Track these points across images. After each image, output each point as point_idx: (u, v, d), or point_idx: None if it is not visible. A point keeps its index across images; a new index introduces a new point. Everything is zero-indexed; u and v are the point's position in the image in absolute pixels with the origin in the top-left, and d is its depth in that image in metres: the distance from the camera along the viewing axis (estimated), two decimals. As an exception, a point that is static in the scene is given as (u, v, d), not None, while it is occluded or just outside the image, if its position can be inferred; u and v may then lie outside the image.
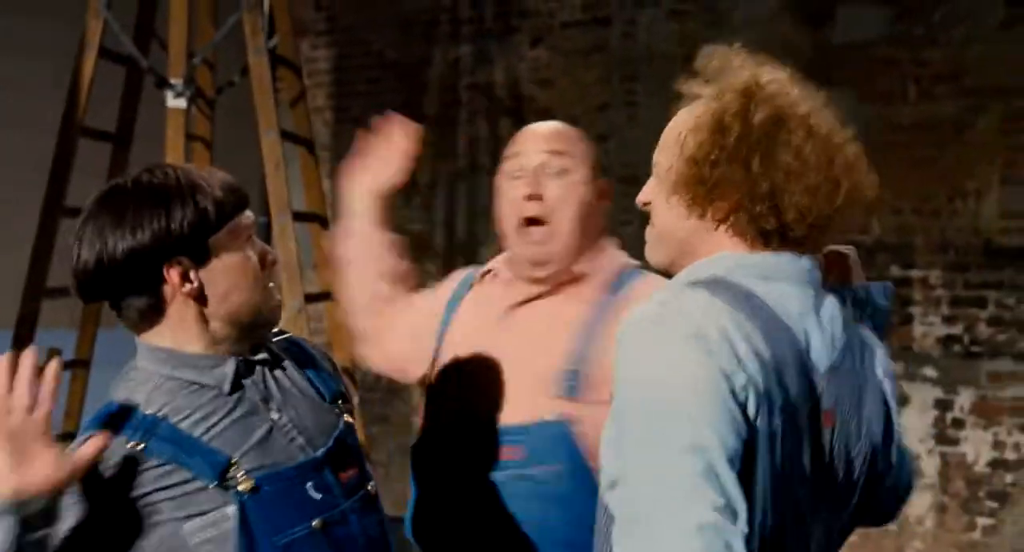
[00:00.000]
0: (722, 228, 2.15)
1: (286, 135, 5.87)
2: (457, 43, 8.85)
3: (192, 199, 2.20)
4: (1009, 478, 6.88)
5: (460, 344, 2.91)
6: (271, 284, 2.32)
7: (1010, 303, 6.84)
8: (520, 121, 8.42)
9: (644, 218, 2.36)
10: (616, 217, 7.79)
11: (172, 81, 5.54)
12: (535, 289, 2.87)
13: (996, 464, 6.89)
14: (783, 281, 2.11)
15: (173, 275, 2.21)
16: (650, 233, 2.27)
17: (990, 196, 6.91)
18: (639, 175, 7.29)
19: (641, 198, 2.29)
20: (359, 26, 9.26)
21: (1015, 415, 6.87)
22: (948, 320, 7.04)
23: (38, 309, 5.66)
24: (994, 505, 6.90)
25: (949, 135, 6.99)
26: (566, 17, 8.40)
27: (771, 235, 2.13)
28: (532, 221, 2.83)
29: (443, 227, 8.88)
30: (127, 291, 2.23)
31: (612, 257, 2.93)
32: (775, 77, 2.21)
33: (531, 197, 2.83)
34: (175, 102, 5.55)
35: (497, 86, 8.69)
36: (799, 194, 2.09)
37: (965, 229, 6.90)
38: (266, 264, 2.30)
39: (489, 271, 3.01)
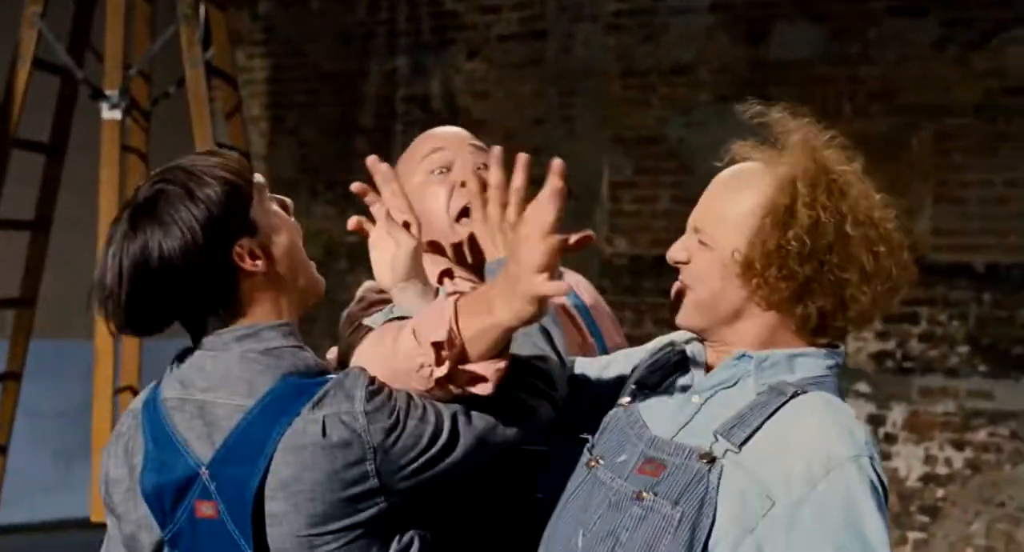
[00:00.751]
0: (775, 310, 2.16)
1: (222, 146, 5.87)
2: (393, 55, 9.03)
3: (212, 179, 2.14)
4: (940, 493, 7.09)
5: None
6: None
7: (942, 319, 7.03)
8: (456, 133, 8.58)
9: (579, 229, 2.31)
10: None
11: (107, 92, 5.54)
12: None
13: (927, 479, 7.11)
14: None
15: (241, 256, 2.14)
16: (691, 299, 2.22)
17: (923, 214, 7.10)
18: (574, 187, 7.34)
19: (679, 257, 2.24)
20: (296, 37, 9.38)
21: (946, 430, 7.09)
22: (881, 336, 7.22)
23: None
24: (925, 520, 7.10)
25: (883, 153, 7.07)
26: (503, 30, 8.57)
27: (825, 325, 2.16)
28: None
29: (379, 239, 8.99)
30: (198, 298, 2.16)
31: None
32: (835, 157, 2.20)
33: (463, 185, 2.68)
34: (110, 114, 5.54)
35: (433, 98, 8.85)
36: (868, 295, 2.12)
37: (897, 246, 7.05)
38: None
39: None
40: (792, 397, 2.09)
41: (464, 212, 2.61)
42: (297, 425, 2.06)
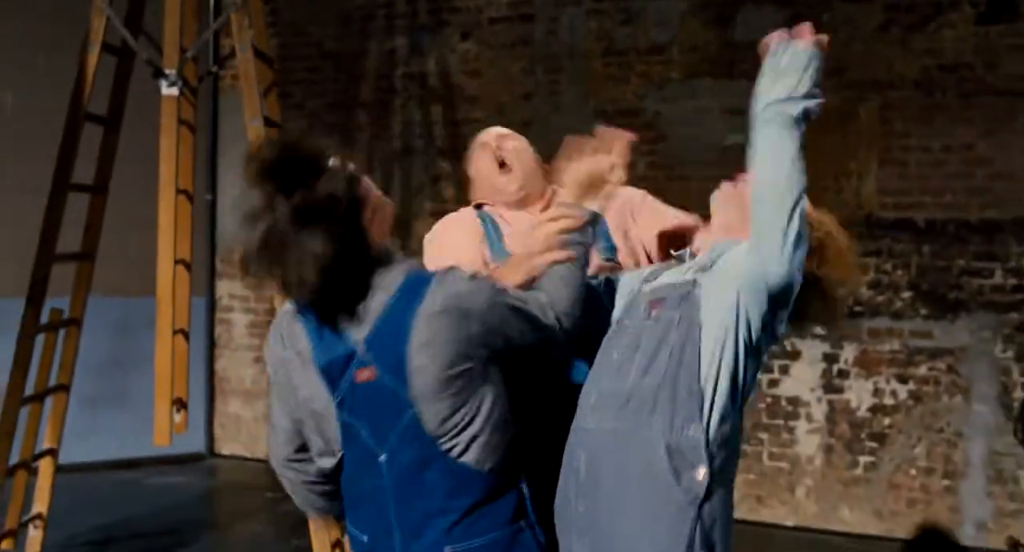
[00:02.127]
0: None
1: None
2: (392, 36, 9.68)
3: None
4: (887, 421, 7.88)
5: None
6: None
7: (887, 269, 7.84)
8: (451, 108, 9.32)
9: None
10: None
11: (167, 72, 6.29)
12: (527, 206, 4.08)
13: (876, 409, 7.89)
14: None
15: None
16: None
17: (870, 176, 7.90)
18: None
19: None
20: (301, 19, 10.03)
21: (892, 366, 7.88)
22: (834, 284, 8.02)
23: (48, 275, 6.43)
24: (874, 445, 7.90)
25: (834, 123, 7.95)
26: (493, 13, 9.26)
27: None
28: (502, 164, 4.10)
29: (379, 204, 9.70)
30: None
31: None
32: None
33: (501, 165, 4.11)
34: (169, 91, 6.29)
35: (430, 75, 9.53)
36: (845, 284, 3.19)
37: (849, 204, 7.87)
38: None
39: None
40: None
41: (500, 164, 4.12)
42: (426, 302, 2.90)
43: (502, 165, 4.14)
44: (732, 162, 7.08)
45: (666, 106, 8.57)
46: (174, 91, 6.33)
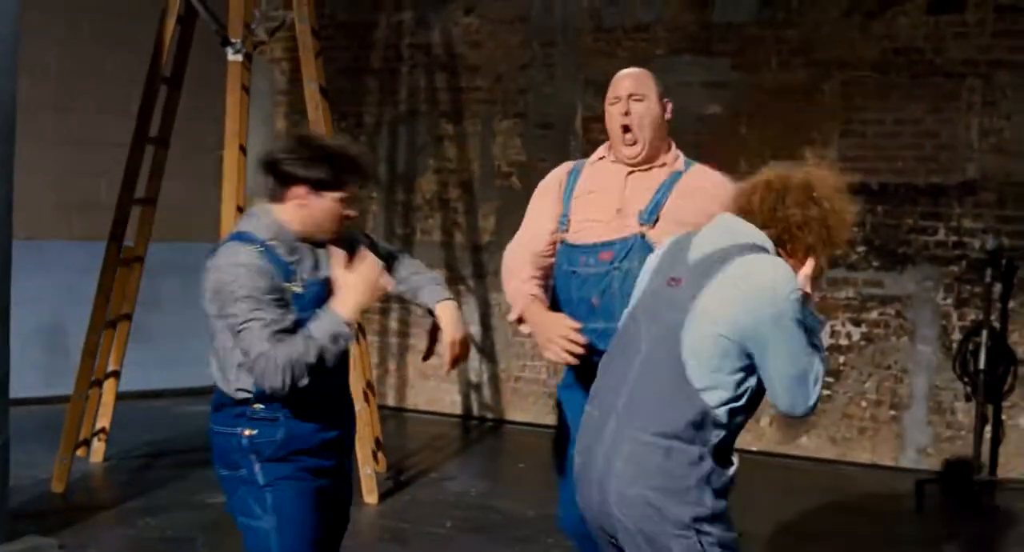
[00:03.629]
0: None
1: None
2: (400, 9, 10.61)
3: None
4: (842, 359, 8.93)
5: (585, 198, 4.64)
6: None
7: None
8: (454, 75, 10.28)
9: (556, 158, 4.26)
10: (535, 155, 9.67)
11: (232, 40, 7.19)
12: (631, 167, 4.63)
13: (832, 349, 8.87)
14: None
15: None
16: None
17: (832, 145, 8.90)
18: (553, 122, 9.22)
19: None
20: (314, -8, 10.90)
21: (847, 311, 8.92)
22: (798, 239, 8.99)
23: (128, 216, 7.43)
24: (830, 380, 8.87)
25: (802, 97, 8.98)
26: (494, -9, 10.22)
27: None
28: (626, 129, 4.57)
29: (386, 162, 10.66)
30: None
31: (676, 151, 4.68)
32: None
33: (625, 114, 4.57)
34: (235, 57, 7.20)
35: (435, 46, 10.47)
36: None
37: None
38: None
39: (601, 157, 4.72)
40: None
41: (625, 128, 4.53)
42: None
43: (626, 130, 4.55)
44: (709, 130, 8.07)
45: (650, 79, 9.52)
46: (239, 57, 7.25)
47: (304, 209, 3.78)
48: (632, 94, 4.58)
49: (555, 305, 4.66)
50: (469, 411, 10.38)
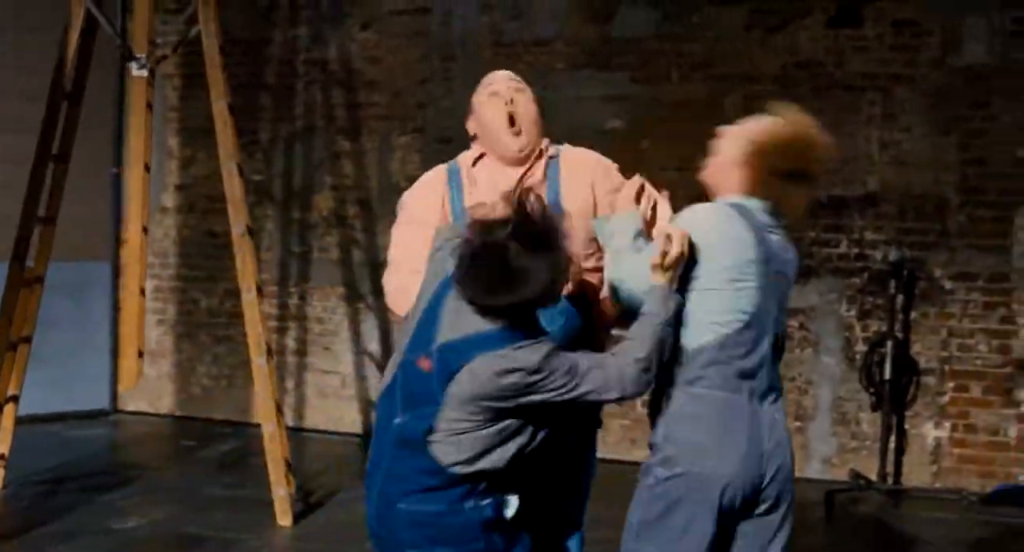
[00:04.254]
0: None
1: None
2: (295, 25, 10.47)
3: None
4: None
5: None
6: None
7: None
8: (351, 91, 10.18)
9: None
10: (433, 165, 9.57)
11: (137, 55, 7.07)
12: (519, 164, 4.43)
13: None
14: None
15: None
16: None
17: (734, 158, 8.95)
18: (452, 136, 9.18)
19: None
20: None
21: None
22: (700, 253, 9.05)
23: (31, 234, 7.22)
24: None
25: (703, 112, 8.97)
26: (392, 7, 10.11)
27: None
28: (511, 120, 4.37)
29: (281, 179, 10.51)
30: None
31: (545, 140, 4.49)
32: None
33: (510, 103, 4.41)
34: (139, 72, 7.09)
35: (331, 61, 10.34)
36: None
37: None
38: None
39: (480, 157, 4.48)
40: None
41: (510, 121, 4.36)
42: (488, 359, 3.46)
43: (512, 122, 4.39)
44: (610, 144, 8.15)
45: (551, 93, 9.32)
46: (144, 73, 7.14)
47: None
48: (512, 87, 4.49)
49: None
50: (371, 430, 10.20)
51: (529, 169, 4.40)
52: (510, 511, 3.71)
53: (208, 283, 10.76)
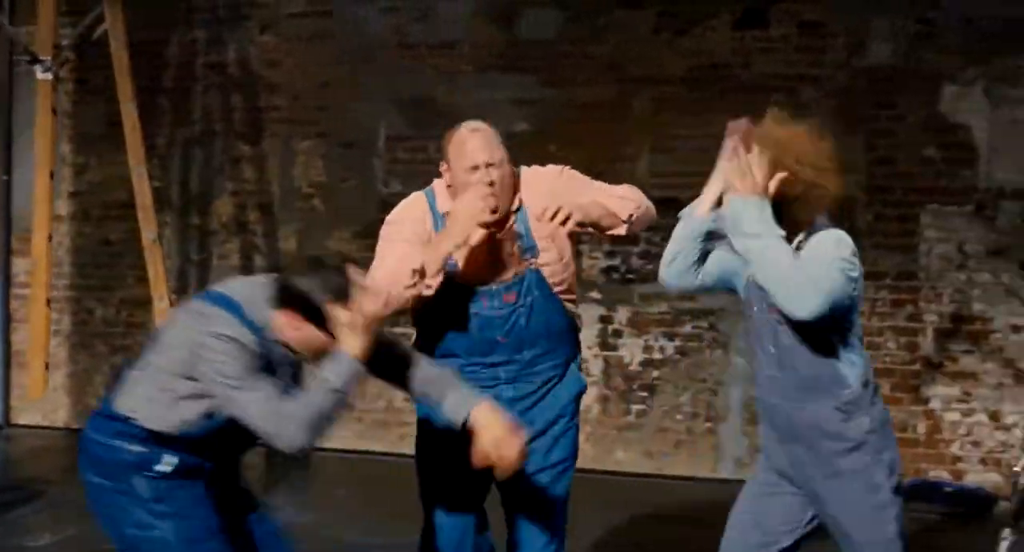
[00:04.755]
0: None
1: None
2: (193, 28, 10.24)
3: None
4: (655, 374, 8.98)
5: (468, 264, 4.69)
6: None
7: (656, 241, 8.78)
8: (251, 94, 10.00)
9: (360, 178, 4.31)
10: (337, 175, 9.51)
11: (42, 58, 6.88)
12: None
13: (646, 363, 8.97)
14: None
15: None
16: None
17: (642, 160, 8.96)
18: (356, 141, 9.06)
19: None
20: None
21: (660, 326, 8.97)
22: (609, 254, 9.07)
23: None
24: (644, 395, 8.98)
25: (612, 113, 9.02)
26: (292, 9, 9.97)
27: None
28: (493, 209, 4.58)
29: (179, 185, 10.29)
30: None
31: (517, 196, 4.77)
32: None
33: (491, 184, 4.58)
34: (44, 76, 6.91)
35: (230, 65, 10.15)
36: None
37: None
38: None
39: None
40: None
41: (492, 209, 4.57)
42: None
43: (493, 210, 4.61)
44: (518, 147, 8.07)
45: (457, 96, 9.43)
46: (49, 76, 6.95)
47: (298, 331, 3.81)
48: (491, 159, 4.62)
49: (431, 339, 4.79)
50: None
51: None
52: (161, 467, 3.90)
53: (103, 292, 10.50)
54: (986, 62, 8.39)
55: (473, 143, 4.68)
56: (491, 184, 4.55)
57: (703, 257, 4.34)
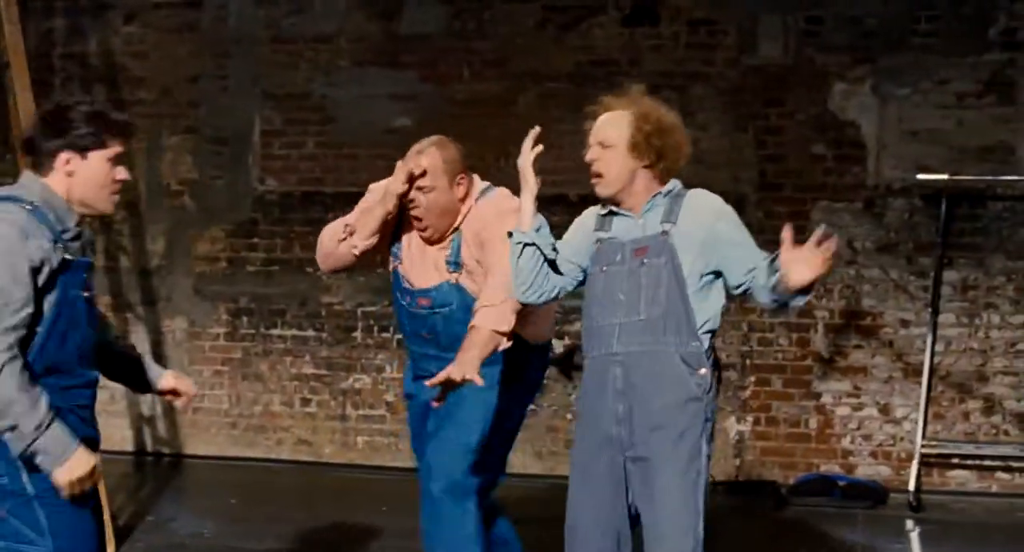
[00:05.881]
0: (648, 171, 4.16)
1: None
2: (50, 16, 9.80)
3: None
4: (546, 373, 8.85)
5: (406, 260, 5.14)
6: None
7: None
8: (115, 88, 9.62)
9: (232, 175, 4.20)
10: (208, 172, 9.20)
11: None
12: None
13: None
14: None
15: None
16: (607, 179, 4.37)
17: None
18: (228, 136, 8.77)
19: (595, 156, 4.49)
20: (-51, -3, 9.98)
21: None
22: (495, 253, 8.94)
23: None
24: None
25: (496, 109, 8.90)
26: (158, -1, 9.64)
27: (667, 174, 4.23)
28: (417, 218, 5.02)
29: (37, 181, 9.84)
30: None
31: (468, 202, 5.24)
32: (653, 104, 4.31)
33: (414, 207, 4.99)
34: (-76, 61, 6.48)
35: (91, 56, 9.76)
36: (675, 159, 4.20)
37: (511, 183, 8.81)
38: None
39: None
40: (684, 195, 4.17)
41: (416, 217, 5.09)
42: None
43: (417, 218, 5.08)
44: (397, 142, 7.92)
45: (334, 90, 9.25)
46: (-72, 61, 6.53)
47: (73, 176, 3.70)
48: (422, 187, 5.03)
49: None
50: (143, 447, 9.68)
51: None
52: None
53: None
54: (873, 60, 8.50)
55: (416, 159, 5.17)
56: (412, 202, 5.06)
57: (552, 267, 4.50)
